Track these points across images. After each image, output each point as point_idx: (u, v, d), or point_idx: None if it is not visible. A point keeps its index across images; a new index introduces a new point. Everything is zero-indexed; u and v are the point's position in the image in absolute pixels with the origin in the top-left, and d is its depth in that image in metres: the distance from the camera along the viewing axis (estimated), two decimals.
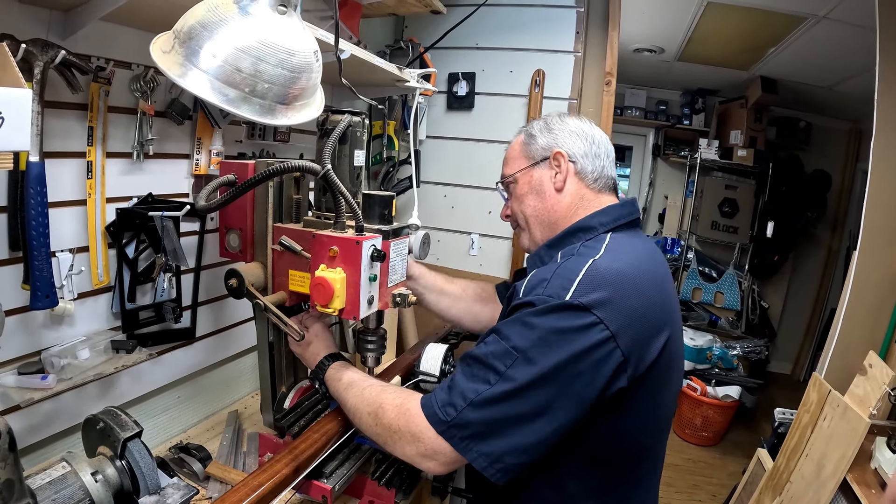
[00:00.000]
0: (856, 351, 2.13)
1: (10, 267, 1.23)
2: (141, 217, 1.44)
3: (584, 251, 1.17)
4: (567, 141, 1.33)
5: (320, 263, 1.20)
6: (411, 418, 1.08)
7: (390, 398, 1.16)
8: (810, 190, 5.08)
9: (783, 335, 5.56)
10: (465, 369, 1.08)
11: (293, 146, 2.05)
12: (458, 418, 1.02)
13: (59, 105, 1.27)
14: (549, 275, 1.09)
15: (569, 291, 1.03)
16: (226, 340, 1.90)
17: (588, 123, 1.38)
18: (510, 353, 1.02)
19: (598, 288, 1.03)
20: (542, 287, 1.07)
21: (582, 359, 0.99)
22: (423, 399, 1.11)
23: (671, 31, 3.92)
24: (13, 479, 0.79)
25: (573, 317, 1.00)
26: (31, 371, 1.27)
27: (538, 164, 1.35)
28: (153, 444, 1.60)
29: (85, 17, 1.22)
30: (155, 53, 1.01)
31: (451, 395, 1.05)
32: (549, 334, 1.01)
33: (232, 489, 1.03)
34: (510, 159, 1.42)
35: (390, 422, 1.12)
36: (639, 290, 1.08)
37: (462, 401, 1.03)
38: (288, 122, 1.10)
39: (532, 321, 1.03)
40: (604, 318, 1.00)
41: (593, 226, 1.25)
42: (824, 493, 1.95)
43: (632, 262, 1.13)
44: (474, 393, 1.02)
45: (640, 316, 1.05)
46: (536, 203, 1.34)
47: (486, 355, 1.05)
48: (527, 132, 1.40)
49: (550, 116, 1.40)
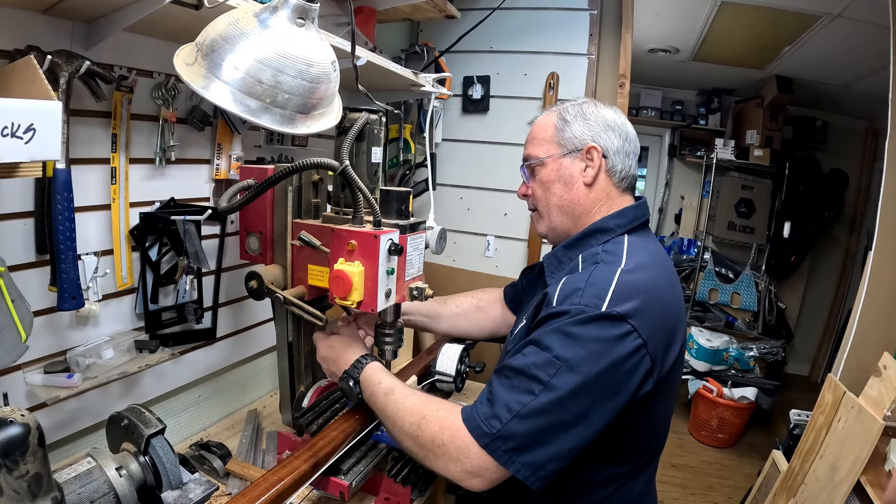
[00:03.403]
0: (871, 352, 2.11)
1: (37, 270, 1.27)
2: (163, 221, 1.48)
3: (606, 257, 1.18)
4: (603, 135, 1.30)
5: (339, 257, 1.21)
6: (456, 432, 1.06)
7: (433, 409, 1.13)
8: (827, 189, 5.02)
9: (800, 337, 5.50)
10: (503, 381, 1.07)
11: (311, 151, 2.09)
12: (503, 430, 1.01)
13: (84, 113, 1.31)
14: (581, 284, 1.10)
15: (604, 301, 1.05)
16: (245, 341, 1.93)
17: (622, 116, 1.35)
18: (553, 362, 1.02)
19: (630, 298, 1.05)
20: (578, 296, 1.07)
21: (620, 366, 1.03)
22: (464, 413, 1.09)
23: (685, 31, 3.91)
24: (42, 474, 0.82)
25: (611, 326, 1.03)
26: (58, 370, 1.31)
27: (570, 154, 1.31)
28: (175, 441, 1.63)
29: (108, 28, 1.25)
30: (179, 66, 1.05)
31: (495, 407, 1.04)
32: (590, 343, 1.02)
33: (252, 484, 1.05)
34: (539, 140, 1.36)
35: (433, 435, 1.09)
36: (660, 298, 1.12)
37: (507, 412, 1.02)
38: (307, 130, 1.13)
39: (573, 331, 1.03)
40: (637, 327, 1.03)
41: (611, 228, 1.27)
42: (838, 495, 1.94)
43: (653, 270, 1.16)
44: (519, 404, 1.02)
45: (665, 323, 1.10)
46: (563, 193, 1.32)
47: (528, 366, 1.04)
48: (560, 115, 1.34)
49: (586, 103, 1.36)
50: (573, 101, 1.37)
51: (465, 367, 1.69)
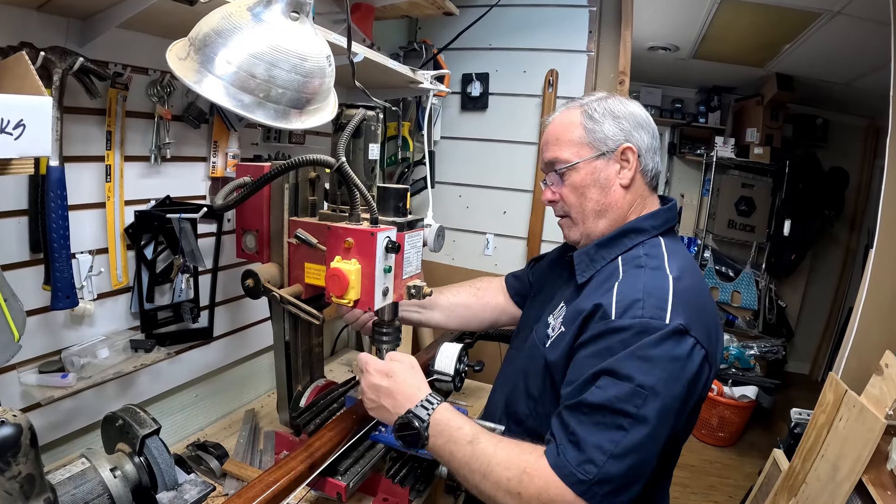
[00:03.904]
0: (872, 350, 2.10)
1: (31, 268, 1.26)
2: (159, 219, 1.47)
3: (649, 262, 1.15)
4: (635, 133, 1.25)
5: (335, 255, 1.20)
6: (549, 481, 0.98)
7: (532, 461, 1.02)
8: (828, 188, 5.02)
9: (801, 335, 5.50)
10: (583, 419, 1.00)
11: (308, 148, 2.07)
12: (600, 474, 0.95)
13: (78, 111, 1.30)
14: (639, 294, 1.06)
15: (666, 312, 1.03)
16: (243, 340, 1.92)
17: (644, 110, 1.31)
18: (639, 392, 0.97)
19: (687, 307, 1.04)
20: (639, 308, 1.04)
21: (696, 381, 1.03)
22: (551, 460, 1.00)
23: (686, 28, 3.90)
24: (34, 474, 0.81)
25: (681, 342, 1.01)
26: (52, 370, 1.30)
27: (603, 156, 1.24)
28: (171, 441, 1.63)
29: (102, 25, 1.24)
30: (171, 60, 1.03)
31: (585, 451, 0.97)
32: (667, 364, 0.99)
33: (248, 485, 1.05)
34: (566, 142, 1.27)
35: (539, 491, 0.99)
36: (706, 304, 1.14)
37: (601, 455, 0.96)
38: (302, 125, 1.12)
39: (649, 353, 0.99)
40: (699, 338, 1.03)
41: (646, 228, 1.23)
42: (840, 495, 1.93)
43: (693, 276, 1.16)
44: (612, 443, 0.96)
45: (713, 328, 1.10)
46: (599, 198, 1.25)
47: (611, 400, 0.98)
48: (585, 113, 1.27)
49: (608, 98, 1.29)
50: (593, 97, 1.31)
51: (464, 366, 1.67)
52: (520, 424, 1.27)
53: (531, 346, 1.30)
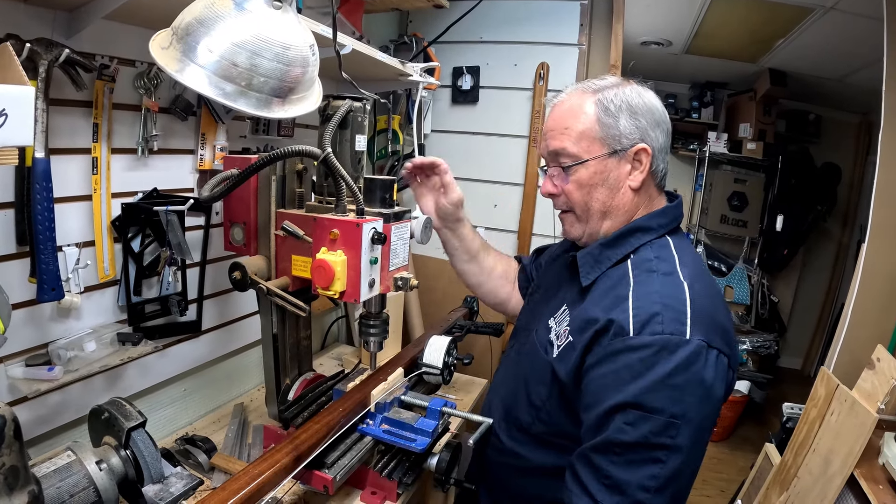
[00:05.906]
0: (864, 345, 2.11)
1: (17, 261, 1.25)
2: (146, 212, 1.46)
3: (661, 265, 1.11)
4: (651, 133, 1.17)
5: (321, 247, 1.20)
6: None
7: None
8: (820, 183, 5.03)
9: (793, 330, 5.52)
10: (616, 460, 0.96)
11: (297, 140, 2.06)
12: None
13: (65, 103, 1.29)
14: (657, 308, 1.01)
15: (686, 325, 0.99)
16: (231, 334, 1.92)
17: (661, 102, 1.23)
18: (672, 423, 0.94)
19: (706, 317, 1.01)
20: (658, 323, 0.99)
21: (725, 394, 1.01)
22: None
23: (678, 23, 3.89)
24: (18, 466, 0.81)
25: (706, 360, 0.97)
26: (39, 363, 1.30)
27: (616, 154, 1.16)
28: (160, 436, 1.63)
29: (88, 17, 1.24)
30: (154, 50, 1.03)
31: (629, 493, 0.94)
32: (696, 388, 0.96)
33: (232, 477, 1.04)
34: (575, 133, 1.17)
35: None
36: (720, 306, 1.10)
37: (643, 492, 0.94)
38: (285, 114, 1.11)
39: (676, 381, 0.95)
40: (720, 348, 0.99)
41: (653, 227, 1.18)
42: (831, 489, 1.94)
43: (704, 277, 1.13)
44: (653, 479, 0.94)
45: (730, 329, 1.07)
46: (606, 199, 1.18)
47: (645, 437, 0.95)
48: (601, 104, 1.16)
49: (626, 87, 1.20)
50: (607, 83, 1.21)
51: (453, 360, 1.67)
52: (524, 432, 1.23)
53: (531, 350, 1.25)
